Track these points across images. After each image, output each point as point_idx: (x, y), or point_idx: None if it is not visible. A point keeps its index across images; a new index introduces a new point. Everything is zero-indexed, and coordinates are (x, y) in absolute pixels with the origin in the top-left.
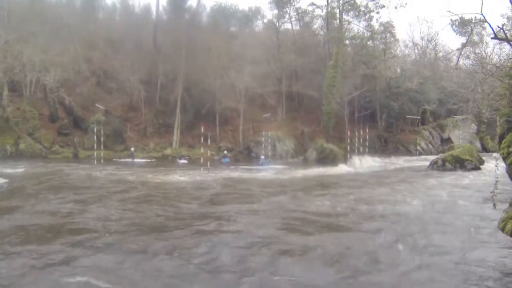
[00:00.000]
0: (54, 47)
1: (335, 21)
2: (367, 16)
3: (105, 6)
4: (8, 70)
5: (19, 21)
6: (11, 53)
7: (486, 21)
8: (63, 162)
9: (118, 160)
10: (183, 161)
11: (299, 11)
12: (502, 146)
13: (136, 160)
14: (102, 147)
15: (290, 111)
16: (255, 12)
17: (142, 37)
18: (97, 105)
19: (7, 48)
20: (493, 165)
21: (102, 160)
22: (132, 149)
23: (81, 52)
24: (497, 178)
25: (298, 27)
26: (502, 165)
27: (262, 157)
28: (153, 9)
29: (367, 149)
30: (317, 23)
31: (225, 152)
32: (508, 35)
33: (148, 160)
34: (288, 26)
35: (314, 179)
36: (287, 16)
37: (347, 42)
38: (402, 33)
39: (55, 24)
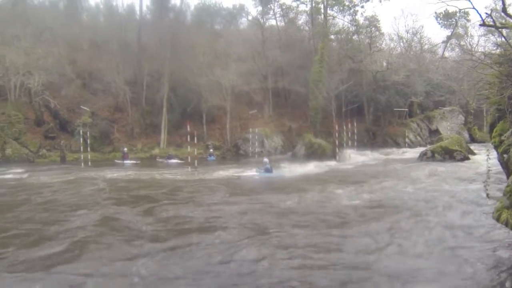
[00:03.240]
0: (37, 50)
1: (319, 16)
2: (351, 11)
3: (89, 8)
4: None
5: (0, 24)
6: None
7: (474, 8)
8: (53, 166)
9: (118, 162)
10: (174, 160)
11: (284, 7)
12: (493, 135)
13: (126, 161)
14: (89, 149)
15: (277, 107)
16: (240, 10)
17: (126, 38)
18: (82, 107)
19: None
20: (485, 154)
21: (89, 163)
22: (125, 149)
23: (65, 55)
24: (489, 167)
25: (283, 23)
26: (494, 154)
27: (266, 160)
28: (137, 9)
29: (355, 143)
30: (302, 19)
31: (211, 150)
32: (496, 22)
33: (136, 161)
34: (273, 22)
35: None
36: (271, 12)
37: (332, 37)
38: (387, 27)
39: (38, 26)
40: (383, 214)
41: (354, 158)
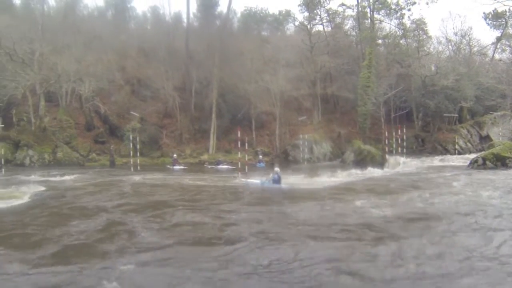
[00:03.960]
0: (88, 58)
1: (366, 21)
2: (398, 14)
3: (136, 16)
4: (44, 82)
5: (53, 34)
6: (47, 65)
7: None
8: (103, 169)
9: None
10: (224, 166)
11: (330, 12)
12: None
13: (175, 167)
14: (138, 154)
15: (325, 113)
16: (286, 15)
17: (174, 45)
18: (131, 112)
19: (42, 60)
20: None
21: (138, 167)
22: (175, 155)
23: (115, 62)
24: None
25: (329, 29)
26: None
27: (277, 169)
28: (184, 17)
29: (404, 150)
30: (349, 24)
31: (260, 156)
32: None
33: (184, 167)
34: (319, 28)
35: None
36: (318, 17)
37: (379, 41)
38: (435, 30)
39: (88, 35)
40: (412, 227)
41: (404, 165)
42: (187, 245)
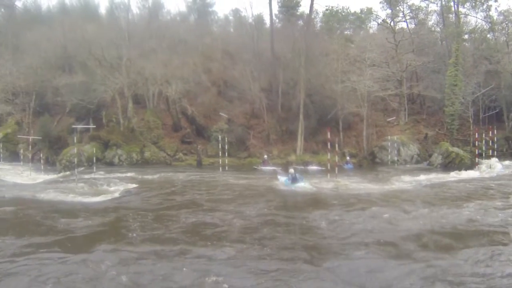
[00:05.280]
0: (173, 61)
1: (450, 15)
2: (484, 6)
3: (218, 20)
4: (132, 85)
5: (139, 40)
6: (134, 69)
7: None
8: (190, 169)
9: (257, 167)
10: (314, 167)
11: (413, 8)
12: None
13: (264, 167)
14: (226, 155)
15: (412, 114)
16: (368, 13)
17: (258, 47)
18: (221, 113)
19: (129, 65)
20: None
21: (226, 167)
22: (265, 156)
23: (200, 64)
24: None
25: (413, 25)
26: None
27: (292, 170)
28: (265, 18)
29: (495, 152)
30: (432, 19)
31: (348, 158)
32: None
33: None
34: (402, 25)
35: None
36: (401, 14)
37: (465, 36)
38: None
39: (172, 39)
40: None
41: (494, 169)
42: None
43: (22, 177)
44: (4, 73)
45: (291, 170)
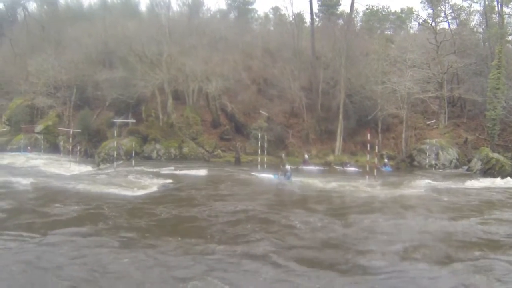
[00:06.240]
0: (214, 58)
1: (494, 16)
2: None
3: (258, 18)
4: (172, 81)
5: (179, 37)
6: (174, 65)
7: None
8: (228, 166)
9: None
10: (352, 168)
11: (455, 8)
12: None
13: (305, 167)
14: (265, 153)
15: (452, 117)
16: (408, 13)
17: (298, 45)
18: (261, 111)
19: (170, 61)
20: None
21: (265, 165)
22: (306, 156)
23: (240, 62)
24: None
25: (455, 26)
26: None
27: (288, 167)
28: (305, 16)
29: None
30: (475, 20)
31: (386, 160)
32: None
33: (315, 167)
34: (444, 25)
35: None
36: (442, 14)
37: (509, 38)
38: None
39: (213, 37)
40: None
41: None
42: None
43: (62, 169)
44: (47, 68)
45: (287, 167)
